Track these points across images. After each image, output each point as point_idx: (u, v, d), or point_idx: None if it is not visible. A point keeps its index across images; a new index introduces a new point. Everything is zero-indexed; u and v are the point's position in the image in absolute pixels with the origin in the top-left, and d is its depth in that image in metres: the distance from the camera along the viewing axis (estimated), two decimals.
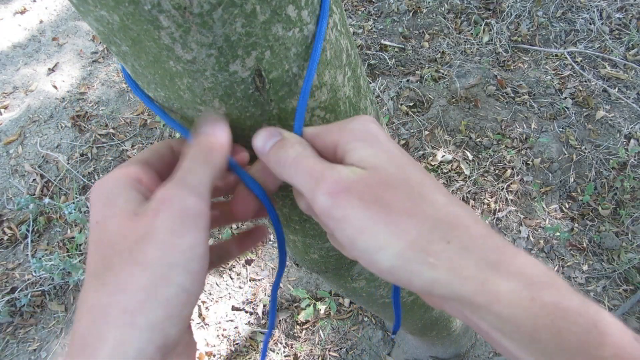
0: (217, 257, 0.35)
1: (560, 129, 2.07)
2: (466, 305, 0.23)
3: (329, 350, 1.65)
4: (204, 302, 1.78)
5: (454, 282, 0.23)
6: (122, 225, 0.25)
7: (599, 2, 2.46)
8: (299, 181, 0.27)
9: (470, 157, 2.03)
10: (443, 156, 2.03)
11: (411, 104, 2.24)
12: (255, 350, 1.66)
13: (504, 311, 0.22)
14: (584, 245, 1.77)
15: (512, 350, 0.22)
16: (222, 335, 1.70)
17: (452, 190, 1.94)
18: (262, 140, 0.29)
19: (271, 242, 1.88)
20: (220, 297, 1.78)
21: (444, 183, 1.98)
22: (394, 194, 0.25)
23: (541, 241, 1.80)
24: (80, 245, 1.91)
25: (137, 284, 0.23)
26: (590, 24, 2.40)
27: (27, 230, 1.96)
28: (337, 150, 0.28)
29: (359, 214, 0.24)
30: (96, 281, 0.24)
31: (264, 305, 1.75)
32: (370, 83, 2.36)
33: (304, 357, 1.64)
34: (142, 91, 0.33)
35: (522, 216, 1.87)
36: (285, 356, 1.65)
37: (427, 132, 2.12)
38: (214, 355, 1.66)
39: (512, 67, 2.33)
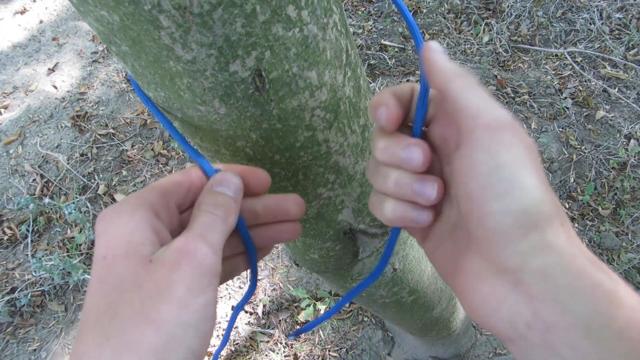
0: (225, 274, 0.34)
1: (560, 129, 2.07)
2: (561, 290, 0.22)
3: (329, 350, 1.65)
4: None
5: (561, 264, 0.21)
6: (135, 270, 0.24)
7: (599, 2, 2.46)
8: (467, 96, 0.25)
9: None
10: None
11: None
12: (255, 350, 1.66)
13: (602, 302, 0.21)
14: (584, 245, 1.77)
15: (590, 356, 0.20)
16: (222, 335, 1.70)
17: None
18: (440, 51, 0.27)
19: None
20: (220, 297, 1.78)
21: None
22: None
23: None
24: (80, 245, 1.91)
25: (148, 344, 0.22)
26: (590, 24, 2.40)
27: (27, 230, 1.96)
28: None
29: (517, 149, 0.23)
30: (99, 332, 0.22)
31: (264, 306, 1.75)
32: (370, 83, 2.36)
33: (304, 357, 1.64)
34: (167, 120, 0.33)
35: None
36: (285, 356, 1.65)
37: None
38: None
39: (512, 67, 2.33)
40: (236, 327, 1.72)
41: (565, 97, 2.17)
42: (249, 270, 0.36)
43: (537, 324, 0.21)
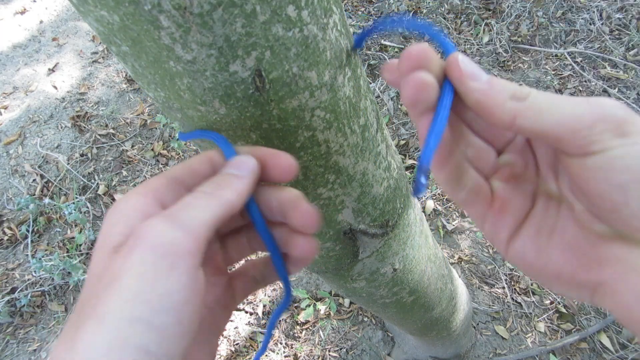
0: (261, 276, 0.31)
1: None
2: None
3: (329, 351, 1.65)
4: None
5: None
6: (101, 261, 0.22)
7: (599, 2, 2.46)
8: (553, 120, 0.23)
9: None
10: None
11: None
12: (255, 350, 1.66)
13: None
14: None
15: None
16: (222, 335, 1.70)
17: None
18: (471, 66, 0.24)
19: None
20: None
21: None
22: None
23: None
24: (80, 245, 1.91)
25: (88, 343, 0.19)
26: (590, 24, 2.40)
27: (27, 231, 1.96)
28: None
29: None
30: (67, 326, 0.21)
31: (264, 306, 1.75)
32: (370, 83, 2.36)
33: (304, 357, 1.64)
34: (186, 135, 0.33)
35: None
36: (285, 356, 1.65)
37: None
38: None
39: (512, 68, 2.33)
40: (236, 327, 1.72)
41: None
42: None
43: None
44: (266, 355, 1.64)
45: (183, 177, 0.27)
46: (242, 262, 0.34)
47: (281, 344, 1.67)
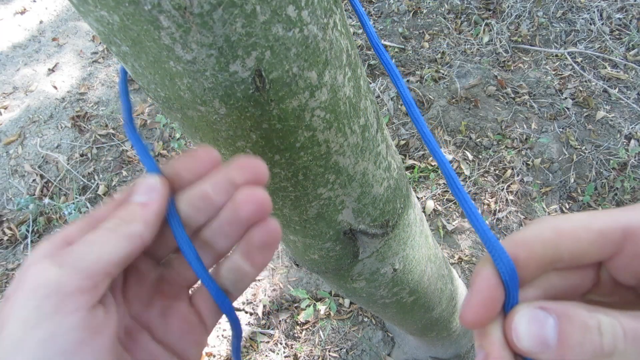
0: (233, 283, 0.28)
1: (561, 130, 2.07)
2: None
3: (329, 351, 1.65)
4: None
5: None
6: None
7: (599, 2, 2.46)
8: None
9: (471, 157, 2.03)
10: None
11: None
12: (255, 350, 1.66)
13: None
14: None
15: None
16: (222, 335, 1.70)
17: None
18: (538, 328, 0.19)
19: None
20: None
21: (444, 183, 1.98)
22: None
23: None
24: None
25: None
26: (590, 24, 2.40)
27: (27, 231, 1.96)
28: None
29: None
30: None
31: (264, 306, 1.75)
32: (370, 83, 2.36)
33: (304, 357, 1.64)
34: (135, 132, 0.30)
35: (522, 217, 1.86)
36: (285, 356, 1.64)
37: None
38: (214, 356, 1.66)
39: (512, 68, 2.33)
40: None
41: (566, 98, 2.17)
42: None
43: None
44: (266, 356, 1.64)
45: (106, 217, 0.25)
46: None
47: (281, 344, 1.67)
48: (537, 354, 0.19)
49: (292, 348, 1.66)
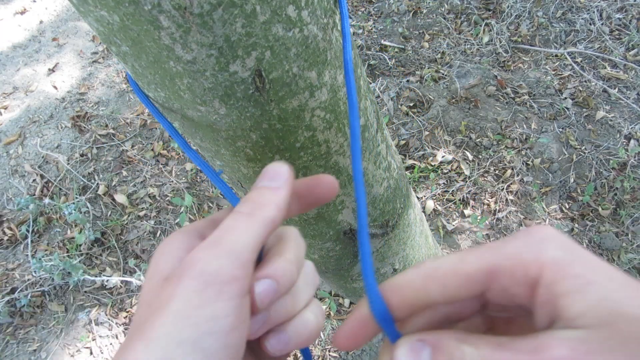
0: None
1: (560, 130, 2.07)
2: None
3: (329, 351, 1.65)
4: None
5: None
6: (151, 290, 0.24)
7: (599, 2, 2.46)
8: None
9: (471, 157, 2.03)
10: (443, 156, 2.02)
11: (411, 104, 2.24)
12: None
13: None
14: (584, 245, 1.77)
15: None
16: None
17: (452, 191, 1.94)
18: (415, 358, 0.21)
19: None
20: None
21: (444, 183, 1.98)
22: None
23: None
24: (80, 245, 1.91)
25: None
26: (590, 24, 2.40)
27: (27, 231, 1.96)
28: (539, 291, 0.20)
29: None
30: (120, 350, 0.22)
31: None
32: (370, 83, 2.36)
33: None
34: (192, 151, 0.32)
35: (522, 216, 1.86)
36: None
37: (427, 133, 2.12)
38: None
39: (512, 68, 2.33)
40: None
41: (565, 98, 2.17)
42: None
43: None
44: None
45: (223, 217, 0.27)
46: None
47: None
48: None
49: None
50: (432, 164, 2.01)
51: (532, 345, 0.18)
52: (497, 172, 1.98)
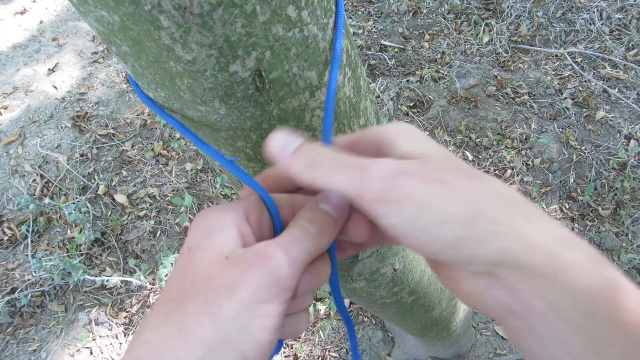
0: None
1: (560, 130, 2.07)
2: (530, 277, 0.22)
3: (329, 351, 1.65)
4: None
5: (522, 251, 0.22)
6: (210, 263, 0.25)
7: (599, 2, 2.47)
8: (339, 180, 0.25)
9: (471, 157, 2.03)
10: None
11: (411, 104, 2.24)
12: None
13: (570, 282, 0.21)
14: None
15: (561, 335, 0.21)
16: None
17: None
18: (282, 142, 0.27)
19: None
20: None
21: None
22: (451, 174, 0.24)
23: None
24: (80, 245, 1.91)
25: (200, 337, 0.22)
26: (590, 24, 2.40)
27: (27, 231, 1.96)
28: (380, 149, 0.27)
29: (420, 190, 0.23)
30: (162, 312, 0.24)
31: None
32: (370, 83, 2.36)
33: (304, 357, 1.64)
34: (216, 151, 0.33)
35: None
36: (285, 356, 1.64)
37: (427, 133, 2.12)
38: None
39: (512, 68, 2.33)
40: None
41: (565, 98, 2.17)
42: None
43: (518, 307, 0.22)
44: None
45: (260, 207, 0.30)
46: None
47: None
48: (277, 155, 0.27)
49: (292, 348, 1.66)
50: None
51: (366, 162, 0.24)
52: (497, 172, 1.98)
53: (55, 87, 2.49)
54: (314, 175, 0.26)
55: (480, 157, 2.03)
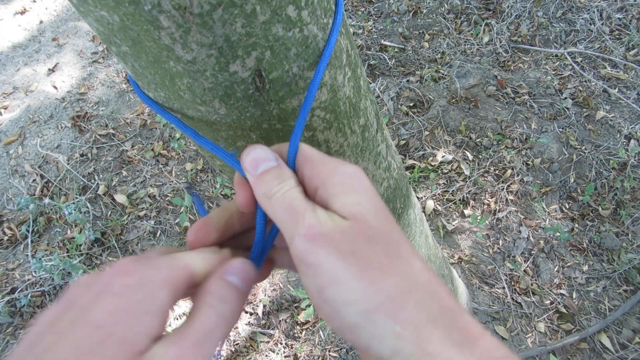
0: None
1: (560, 129, 2.07)
2: None
3: (329, 351, 1.65)
4: None
5: (416, 356, 0.21)
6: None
7: (599, 2, 2.46)
8: (279, 217, 0.26)
9: (471, 157, 2.03)
10: (443, 156, 2.02)
11: (411, 104, 2.24)
12: (255, 350, 1.66)
13: None
14: (584, 245, 1.77)
15: None
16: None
17: (452, 191, 1.94)
18: (255, 161, 0.28)
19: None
20: None
21: (444, 183, 1.98)
22: (372, 249, 0.24)
23: (541, 241, 1.80)
24: (80, 245, 1.91)
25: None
26: (590, 24, 2.40)
27: (27, 231, 1.96)
28: (323, 187, 0.27)
29: (333, 263, 0.23)
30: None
31: (264, 306, 1.75)
32: (370, 83, 2.36)
33: (304, 357, 1.64)
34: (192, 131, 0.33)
35: (522, 216, 1.86)
36: (285, 356, 1.64)
37: (427, 133, 2.12)
38: (214, 356, 1.65)
39: (512, 68, 2.33)
40: (236, 327, 1.72)
41: (566, 98, 2.17)
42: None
43: None
44: (266, 356, 1.64)
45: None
46: None
47: (281, 344, 1.67)
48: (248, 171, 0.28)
49: (292, 348, 1.66)
50: (432, 164, 2.01)
51: (302, 212, 0.25)
52: (497, 172, 1.98)
53: (55, 87, 2.49)
54: (263, 204, 0.27)
55: (480, 157, 2.03)
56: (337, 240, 0.23)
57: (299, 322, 1.70)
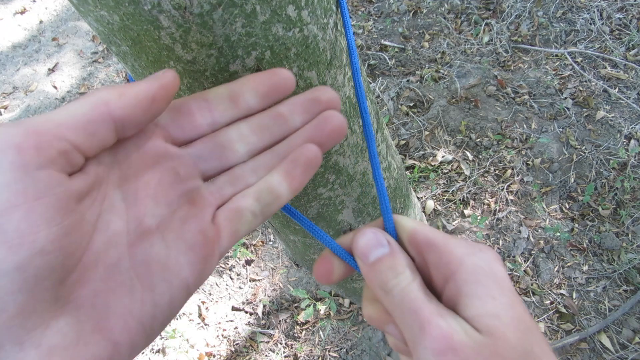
0: (262, 207, 0.27)
1: (561, 129, 2.07)
2: None
3: (329, 351, 1.65)
4: (204, 303, 1.78)
5: None
6: None
7: (599, 2, 2.46)
8: (401, 317, 0.24)
9: (471, 157, 2.03)
10: (443, 156, 2.03)
11: (411, 104, 2.24)
12: (255, 350, 1.66)
13: None
14: (584, 245, 1.77)
15: None
16: (222, 335, 1.70)
17: (452, 191, 1.94)
18: (367, 246, 0.27)
19: (271, 243, 1.88)
20: (220, 298, 1.78)
21: (444, 183, 1.98)
22: None
23: (541, 241, 1.80)
24: None
25: None
26: (590, 24, 2.40)
27: None
28: (453, 283, 0.25)
29: None
30: None
31: (264, 306, 1.75)
32: (370, 83, 2.36)
33: (304, 357, 1.64)
34: None
35: (522, 216, 1.86)
36: (285, 356, 1.64)
37: (427, 133, 2.12)
38: (214, 356, 1.66)
39: (512, 67, 2.33)
40: (236, 328, 1.72)
41: (566, 97, 2.17)
42: (248, 270, 0.32)
43: None
44: (266, 356, 1.64)
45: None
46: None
47: (281, 344, 1.67)
48: (362, 257, 0.27)
49: (292, 348, 1.66)
50: (432, 164, 2.01)
51: (428, 318, 0.23)
52: (497, 172, 1.98)
53: (55, 87, 2.49)
54: (381, 297, 0.26)
55: (480, 157, 2.03)
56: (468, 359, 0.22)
57: (299, 322, 1.70)
